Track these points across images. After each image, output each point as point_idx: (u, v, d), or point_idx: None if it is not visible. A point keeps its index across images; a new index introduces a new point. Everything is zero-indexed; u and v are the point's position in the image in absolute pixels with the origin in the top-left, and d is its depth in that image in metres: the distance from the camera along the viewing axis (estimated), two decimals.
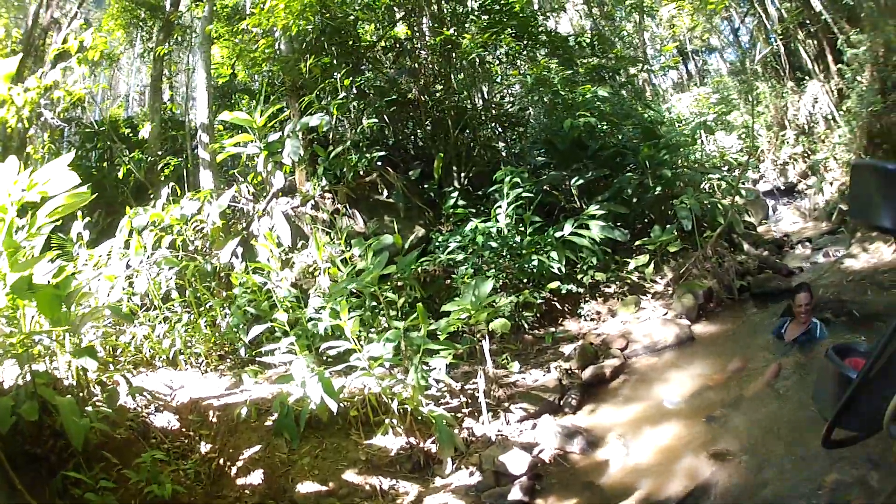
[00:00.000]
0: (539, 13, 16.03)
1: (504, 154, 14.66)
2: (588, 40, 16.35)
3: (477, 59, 13.68)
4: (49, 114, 14.94)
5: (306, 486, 6.06)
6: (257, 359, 8.21)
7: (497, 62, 15.65)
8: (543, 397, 7.57)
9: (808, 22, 20.70)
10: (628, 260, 11.51)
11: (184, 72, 19.32)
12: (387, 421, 6.52)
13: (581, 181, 12.37)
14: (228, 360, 8.67)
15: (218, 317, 8.84)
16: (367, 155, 11.10)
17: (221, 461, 6.55)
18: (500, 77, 16.02)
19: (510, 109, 16.02)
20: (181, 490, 5.72)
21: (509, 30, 13.18)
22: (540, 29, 14.63)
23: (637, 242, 11.62)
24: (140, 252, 9.02)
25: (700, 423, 6.82)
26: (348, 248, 8.90)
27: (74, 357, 5.84)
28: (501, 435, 6.85)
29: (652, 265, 11.36)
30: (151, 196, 12.29)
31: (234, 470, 6.41)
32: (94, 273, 7.99)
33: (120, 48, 19.04)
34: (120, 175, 13.92)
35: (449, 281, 9.90)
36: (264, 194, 10.86)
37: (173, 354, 8.43)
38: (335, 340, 6.96)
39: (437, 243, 10.45)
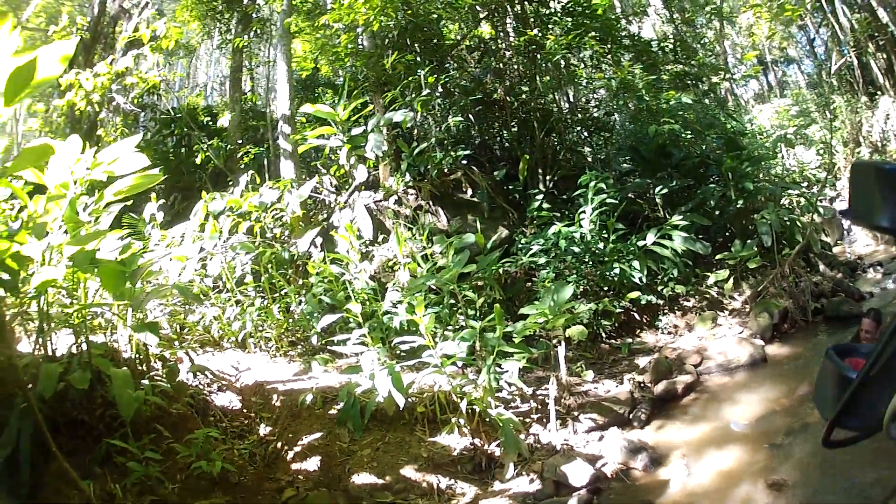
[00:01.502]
0: (622, 17, 15.77)
1: (590, 159, 14.38)
2: (671, 46, 16.02)
3: (562, 62, 13.47)
4: (122, 99, 15.15)
5: (362, 478, 5.99)
6: (328, 347, 8.17)
7: (582, 65, 15.41)
8: (614, 409, 7.35)
9: (876, 35, 20.07)
10: (708, 273, 11.15)
11: (264, 64, 19.43)
12: (453, 420, 6.38)
13: (665, 190, 12.03)
14: (299, 347, 8.64)
15: (292, 304, 8.80)
16: (452, 153, 11.00)
17: (279, 445, 6.52)
18: (585, 81, 15.74)
19: (595, 114, 15.76)
20: (231, 469, 5.70)
21: (593, 32, 12.94)
22: (623, 33, 14.39)
23: (718, 256, 11.30)
24: (215, 236, 9.06)
25: (763, 448, 6.56)
26: (429, 245, 8.76)
27: (135, 331, 5.82)
28: (567, 444, 6.64)
29: (731, 281, 11.03)
30: (230, 183, 12.39)
31: (290, 454, 6.37)
32: (165, 253, 7.99)
33: (196, 38, 19.23)
34: (198, 161, 14.06)
35: (529, 284, 9.74)
36: (346, 187, 10.85)
37: (242, 337, 8.46)
38: (409, 336, 6.84)
39: (519, 245, 10.28)
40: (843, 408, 1.53)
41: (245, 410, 7.23)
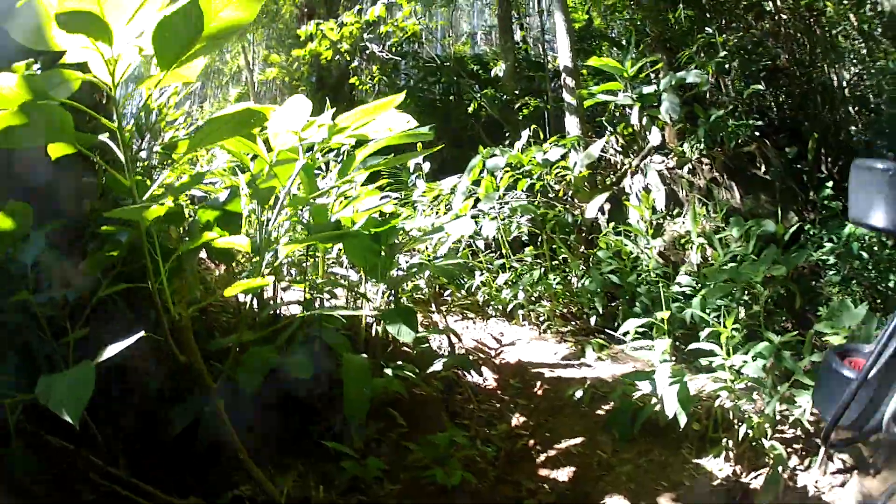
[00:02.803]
0: None
1: (854, 139, 11.81)
2: None
3: (838, 34, 11.12)
4: (376, 47, 14.35)
5: (614, 501, 4.72)
6: (606, 330, 6.92)
7: (856, 41, 12.74)
8: (861, 450, 5.59)
9: None
10: None
11: (535, 13, 18.00)
12: (723, 442, 4.95)
13: None
14: (572, 325, 7.34)
15: (571, 275, 7.55)
16: (748, 122, 9.16)
17: (531, 442, 5.43)
18: (854, 56, 13.00)
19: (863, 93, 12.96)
20: (471, 479, 4.57)
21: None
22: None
23: None
24: (493, 194, 7.92)
25: None
26: (724, 226, 7.18)
27: (386, 322, 4.72)
28: (817, 490, 4.94)
29: None
30: (507, 134, 11.17)
31: (542, 457, 5.24)
32: (430, 227, 6.86)
33: None
34: (469, 110, 13.06)
35: (814, 282, 7.85)
36: (634, 148, 9.26)
37: (512, 308, 7.36)
38: (703, 343, 5.38)
39: (808, 235, 8.34)
40: (843, 408, 1.48)
41: (500, 393, 6.22)
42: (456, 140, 12.70)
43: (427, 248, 7.61)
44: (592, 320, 7.03)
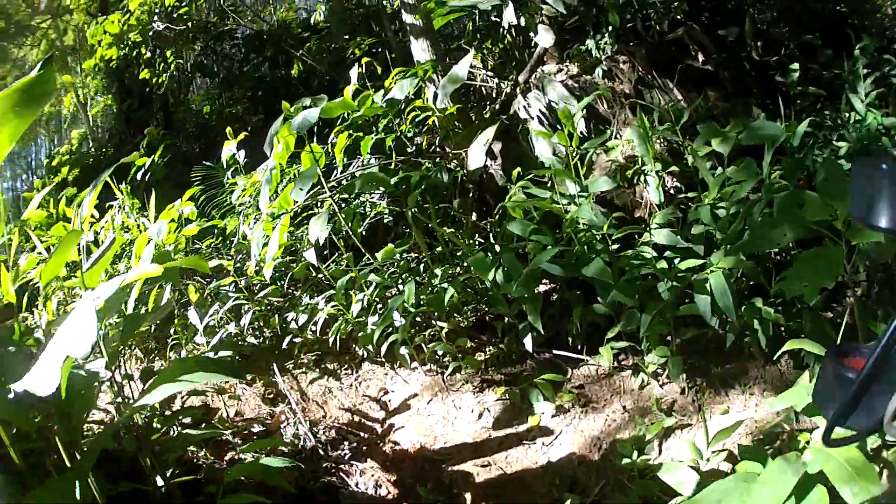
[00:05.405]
0: None
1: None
2: None
3: None
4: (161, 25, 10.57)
5: None
6: (553, 351, 3.70)
7: None
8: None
9: None
10: None
11: None
12: None
13: None
14: (489, 350, 3.98)
15: (464, 264, 4.14)
16: (673, 2, 5.80)
17: None
18: None
19: None
20: None
21: None
22: None
23: None
24: (310, 170, 4.45)
25: None
26: (680, 139, 4.09)
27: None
28: None
29: None
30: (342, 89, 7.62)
31: None
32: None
33: None
34: (294, 72, 9.53)
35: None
36: (511, 65, 5.84)
37: (390, 345, 3.93)
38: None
39: (795, 135, 5.19)
40: (844, 408, 1.24)
41: None
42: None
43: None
44: (528, 343, 3.59)
